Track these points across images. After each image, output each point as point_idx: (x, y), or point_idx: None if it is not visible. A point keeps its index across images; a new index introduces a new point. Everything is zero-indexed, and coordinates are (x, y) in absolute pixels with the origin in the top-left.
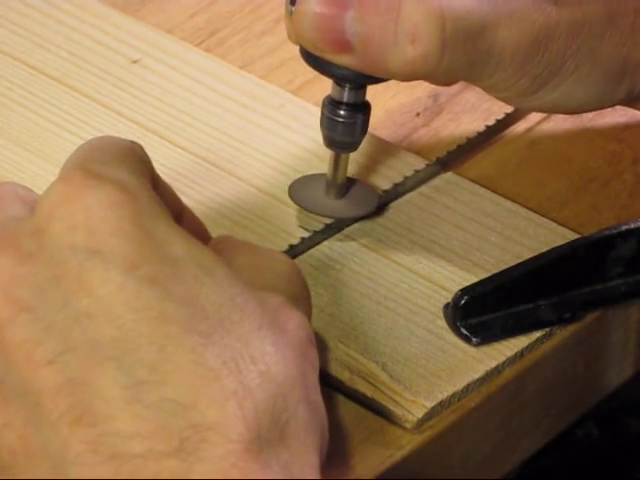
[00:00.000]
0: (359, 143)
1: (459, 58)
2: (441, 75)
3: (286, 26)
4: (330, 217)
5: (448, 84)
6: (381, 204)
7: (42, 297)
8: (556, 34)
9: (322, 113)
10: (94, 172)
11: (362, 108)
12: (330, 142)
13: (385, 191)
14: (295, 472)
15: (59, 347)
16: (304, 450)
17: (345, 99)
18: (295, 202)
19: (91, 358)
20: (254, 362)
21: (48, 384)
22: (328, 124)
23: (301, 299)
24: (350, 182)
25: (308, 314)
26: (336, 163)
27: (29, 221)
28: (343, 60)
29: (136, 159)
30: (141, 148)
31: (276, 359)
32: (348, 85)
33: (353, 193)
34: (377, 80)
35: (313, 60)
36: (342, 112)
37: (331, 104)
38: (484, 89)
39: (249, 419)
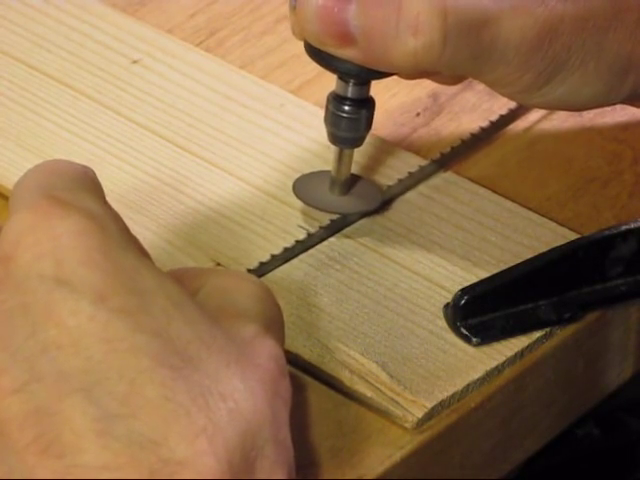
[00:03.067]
0: (363, 139)
1: (462, 51)
2: (444, 68)
3: (290, 21)
4: (335, 213)
5: (453, 81)
6: (381, 204)
7: (8, 325)
8: (560, 29)
9: (326, 109)
10: (61, 200)
11: (366, 104)
12: (334, 138)
13: (385, 191)
14: None
15: (25, 376)
16: None
17: (349, 94)
18: (300, 199)
19: (59, 388)
20: (223, 399)
21: (14, 413)
22: (332, 120)
23: (273, 322)
24: (354, 178)
25: (281, 337)
26: (340, 159)
27: None
28: (346, 53)
29: (94, 184)
30: (94, 172)
31: (245, 396)
32: (352, 80)
33: (357, 189)
34: (381, 75)
35: (317, 55)
36: (346, 107)
37: (335, 100)
38: (488, 84)
39: (220, 455)
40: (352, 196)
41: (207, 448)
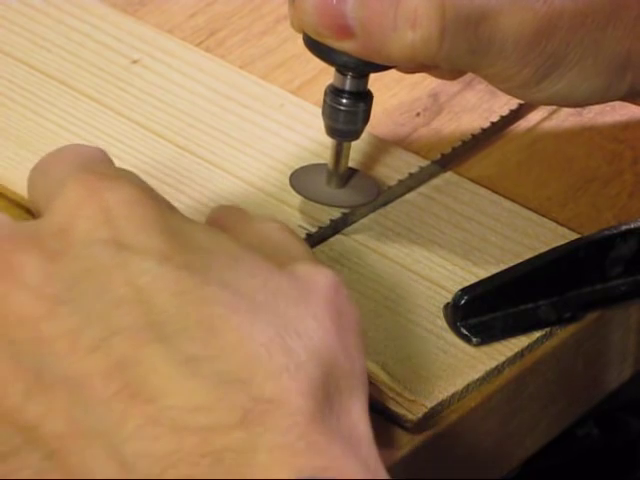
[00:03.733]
0: (361, 132)
1: (460, 44)
2: (442, 61)
3: (289, 13)
4: (332, 206)
5: (452, 76)
6: (381, 204)
7: (77, 289)
8: (559, 24)
9: (324, 101)
10: (105, 174)
11: (364, 97)
12: (332, 131)
13: (385, 191)
14: (354, 443)
15: (102, 333)
16: (354, 423)
17: (347, 87)
18: (296, 191)
19: (137, 340)
20: (299, 336)
21: (97, 369)
22: (330, 112)
23: (312, 253)
24: (351, 172)
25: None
26: (338, 152)
27: (47, 222)
28: (344, 45)
29: (113, 164)
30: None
31: (319, 333)
32: (350, 73)
33: (354, 182)
34: (379, 68)
35: (316, 48)
36: (344, 100)
37: (333, 92)
38: (487, 79)
39: (305, 392)
40: (349, 189)
41: (293, 385)
